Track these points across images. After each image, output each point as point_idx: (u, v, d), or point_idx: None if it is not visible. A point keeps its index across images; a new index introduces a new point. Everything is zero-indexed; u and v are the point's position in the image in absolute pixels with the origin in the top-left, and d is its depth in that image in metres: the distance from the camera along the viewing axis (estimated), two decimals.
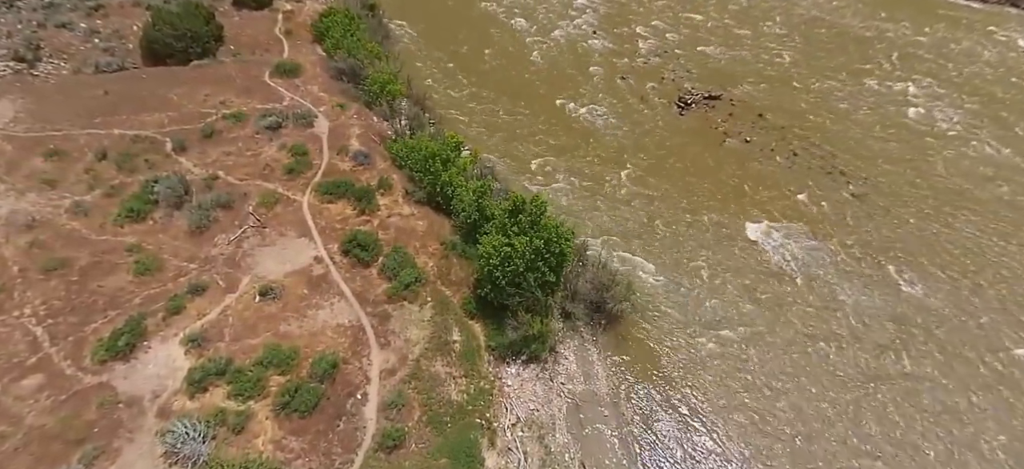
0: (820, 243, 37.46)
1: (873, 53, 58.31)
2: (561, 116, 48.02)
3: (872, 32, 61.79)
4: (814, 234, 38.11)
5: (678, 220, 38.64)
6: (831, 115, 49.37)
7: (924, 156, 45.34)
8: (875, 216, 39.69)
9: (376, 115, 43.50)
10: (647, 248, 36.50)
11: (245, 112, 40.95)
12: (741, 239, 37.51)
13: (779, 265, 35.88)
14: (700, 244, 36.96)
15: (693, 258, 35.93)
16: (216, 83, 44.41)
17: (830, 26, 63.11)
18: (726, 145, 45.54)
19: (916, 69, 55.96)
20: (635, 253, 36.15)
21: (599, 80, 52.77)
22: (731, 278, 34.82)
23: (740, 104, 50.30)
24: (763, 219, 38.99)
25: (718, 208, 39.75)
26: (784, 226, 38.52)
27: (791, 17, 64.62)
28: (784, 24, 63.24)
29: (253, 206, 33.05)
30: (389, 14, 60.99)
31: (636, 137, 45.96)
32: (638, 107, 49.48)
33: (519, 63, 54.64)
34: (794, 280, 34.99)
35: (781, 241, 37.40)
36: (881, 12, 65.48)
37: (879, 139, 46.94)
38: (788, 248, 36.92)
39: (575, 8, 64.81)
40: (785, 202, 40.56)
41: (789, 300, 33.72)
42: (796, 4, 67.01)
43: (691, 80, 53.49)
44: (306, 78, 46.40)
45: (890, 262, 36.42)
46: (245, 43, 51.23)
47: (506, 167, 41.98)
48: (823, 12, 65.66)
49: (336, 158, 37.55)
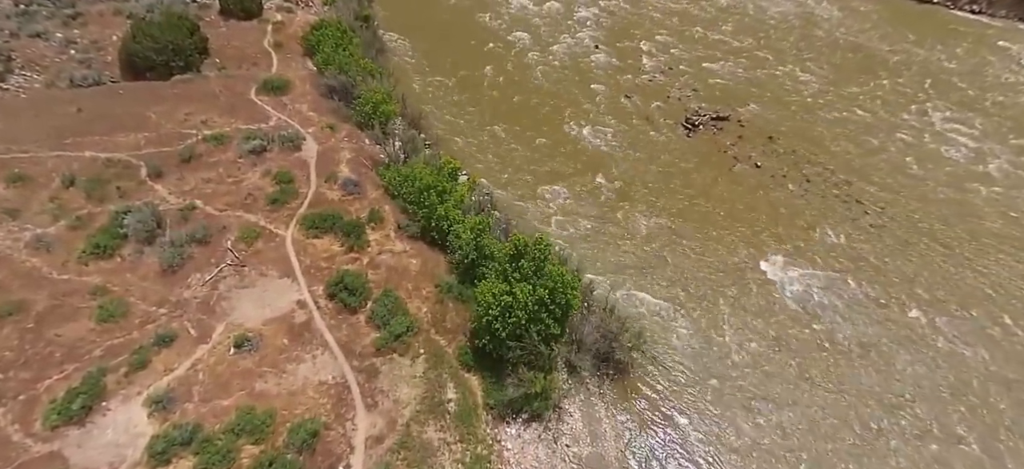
0: (839, 280, 34.84)
1: (884, 72, 55.91)
2: (564, 138, 45.30)
3: (882, 49, 59.45)
4: (832, 272, 35.48)
5: (689, 254, 35.95)
6: (843, 138, 46.79)
7: (941, 183, 42.90)
8: (896, 252, 37.11)
9: (368, 137, 40.63)
10: (657, 286, 33.77)
11: (228, 133, 38.01)
12: (756, 276, 34.86)
13: (797, 308, 33.13)
14: (714, 282, 34.25)
15: (706, 298, 33.21)
16: (198, 100, 41.45)
17: (832, 40, 60.79)
18: (736, 170, 42.93)
19: (930, 87, 53.62)
20: (644, 291, 33.46)
21: (603, 99, 50.11)
22: (747, 320, 32.12)
23: (749, 125, 47.73)
24: (778, 254, 36.36)
25: (731, 241, 37.11)
26: (800, 262, 35.91)
27: (789, 32, 62.23)
28: (783, 39, 60.82)
29: (232, 241, 30.17)
30: (384, 26, 58.21)
31: (643, 161, 43.28)
32: (644, 128, 46.83)
33: (520, 80, 51.91)
34: (812, 325, 32.34)
35: (798, 279, 34.76)
36: (889, 28, 63.20)
37: (891, 163, 44.44)
38: (806, 288, 34.27)
39: (576, 21, 62.15)
40: (800, 235, 37.93)
41: (811, 351, 30.93)
42: (792, 19, 64.69)
43: (698, 99, 50.91)
44: (295, 95, 43.49)
45: (914, 303, 33.93)
46: (231, 56, 48.26)
47: (506, 195, 39.27)
48: (826, 27, 63.36)
49: (324, 186, 34.68)
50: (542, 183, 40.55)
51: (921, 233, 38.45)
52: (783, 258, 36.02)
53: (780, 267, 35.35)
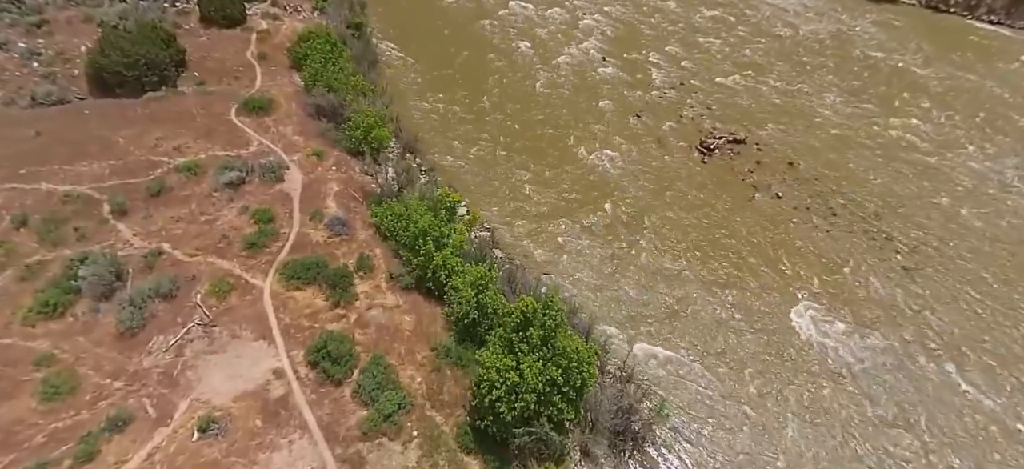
0: (873, 333, 31.54)
1: (908, 91, 52.44)
2: (570, 162, 41.70)
3: (903, 65, 55.92)
4: (865, 321, 32.18)
5: (710, 299, 32.52)
6: (869, 165, 43.30)
7: (977, 217, 39.70)
8: (931, 298, 33.76)
9: (359, 164, 36.97)
10: (677, 338, 30.35)
11: (203, 162, 34.19)
12: (783, 327, 31.58)
13: (831, 366, 29.80)
14: (739, 334, 30.79)
15: (732, 354, 29.74)
16: (172, 122, 37.56)
17: (847, 55, 57.32)
18: (756, 202, 39.52)
19: (958, 110, 50.30)
20: (662, 345, 30.11)
21: (611, 117, 46.50)
22: (778, 381, 28.78)
23: (767, 150, 44.29)
24: (806, 299, 33.07)
25: (755, 284, 33.69)
26: (830, 310, 32.66)
27: (811, 45, 58.73)
28: (807, 52, 57.30)
29: (201, 296, 26.56)
30: (378, 34, 54.31)
31: (656, 190, 39.72)
32: (656, 152, 43.31)
33: (522, 96, 48.17)
34: (848, 388, 28.99)
35: (828, 330, 31.50)
36: (910, 42, 59.78)
37: (923, 196, 41.16)
38: (838, 342, 30.98)
39: (581, 29, 58.36)
40: (828, 277, 34.58)
41: (850, 420, 27.52)
42: (816, 29, 61.16)
43: (712, 118, 47.40)
44: (279, 116, 39.65)
45: (951, 360, 30.77)
46: (211, 69, 44.26)
47: (509, 231, 35.75)
48: (850, 41, 59.79)
49: (308, 225, 31.04)
50: (548, 216, 36.98)
51: (961, 279, 35.17)
52: (812, 305, 32.72)
53: (809, 317, 32.00)
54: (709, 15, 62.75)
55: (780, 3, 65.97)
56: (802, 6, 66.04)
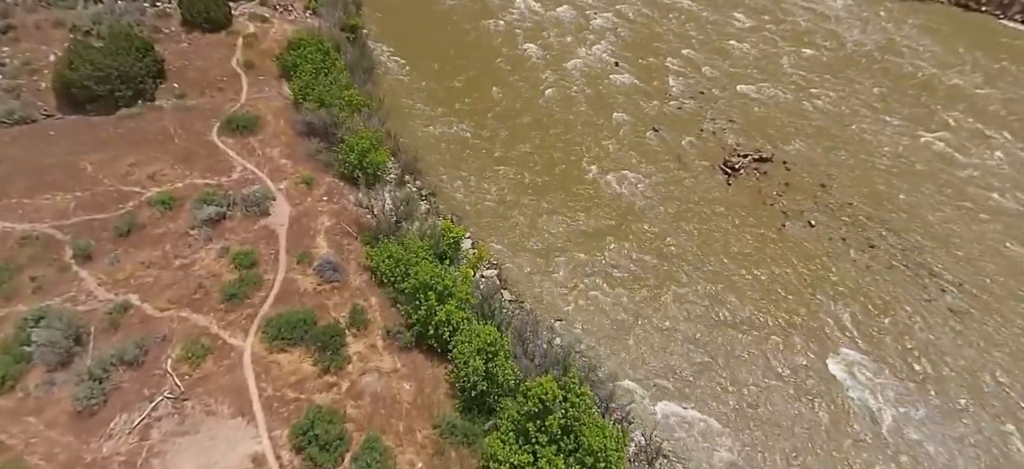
0: (920, 390, 28.16)
1: (944, 105, 48.45)
2: (583, 184, 38.02)
3: (940, 76, 51.63)
4: (913, 376, 28.80)
5: (740, 348, 29.10)
6: (908, 188, 39.51)
7: None
8: (986, 346, 30.49)
9: (353, 191, 33.40)
10: (705, 397, 27.03)
11: (179, 193, 30.57)
12: (823, 382, 28.32)
13: (879, 431, 26.39)
14: (775, 391, 27.43)
15: (769, 419, 26.35)
16: (147, 144, 33.86)
17: (876, 60, 53.34)
18: (787, 231, 36.00)
19: (999, 124, 46.53)
20: (689, 405, 26.85)
21: (627, 132, 42.75)
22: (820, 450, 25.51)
23: (796, 169, 40.64)
24: (846, 347, 29.80)
25: (790, 329, 30.17)
26: (872, 361, 29.36)
27: (841, 51, 54.70)
28: (835, 58, 53.30)
29: (172, 361, 23.26)
30: (375, 35, 50.21)
31: (677, 217, 36.09)
32: (675, 172, 39.67)
33: (530, 106, 44.29)
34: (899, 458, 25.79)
35: (874, 388, 28.26)
36: (941, 47, 55.68)
37: (966, 222, 37.61)
38: (884, 401, 27.67)
39: (592, 30, 54.26)
40: (869, 321, 31.06)
41: None
42: (846, 34, 57.03)
43: (734, 132, 43.66)
44: (265, 136, 35.91)
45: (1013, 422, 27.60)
46: (193, 79, 40.35)
47: (516, 265, 32.31)
48: (883, 47, 55.67)
49: (296, 269, 27.59)
50: (560, 248, 33.45)
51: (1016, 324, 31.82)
52: (853, 356, 29.37)
53: (851, 371, 28.79)
54: (728, 16, 58.59)
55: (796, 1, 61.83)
56: (823, 5, 61.90)
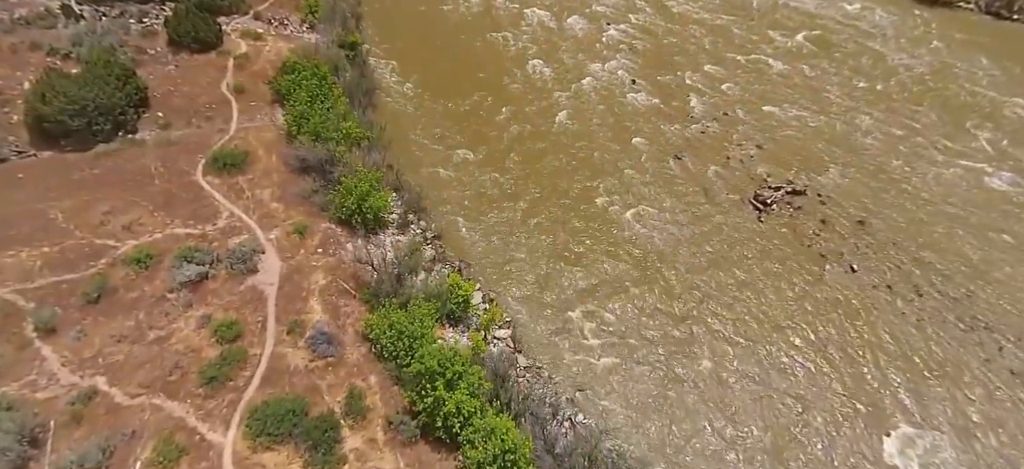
0: None
1: (995, 131, 44.24)
2: (603, 223, 34.27)
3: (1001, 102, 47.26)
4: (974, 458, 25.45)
5: (787, 422, 25.61)
6: (957, 228, 35.45)
7: None
8: None
9: (352, 239, 29.91)
10: None
11: (158, 247, 27.05)
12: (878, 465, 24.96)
13: None
14: None
15: None
16: (125, 186, 30.30)
17: (913, 76, 49.17)
18: (827, 277, 32.34)
19: None
20: None
21: (647, 160, 38.95)
22: None
23: (832, 204, 36.81)
24: (904, 424, 26.26)
25: (840, 399, 26.68)
26: (932, 439, 25.85)
27: (877, 71, 50.52)
28: (875, 77, 49.10)
29: (141, 465, 19.90)
30: (377, 51, 46.30)
31: (707, 262, 32.19)
32: (702, 206, 35.91)
33: (542, 131, 40.37)
34: None
35: None
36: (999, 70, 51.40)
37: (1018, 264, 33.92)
38: None
39: (605, 44, 50.22)
40: (925, 388, 27.31)
41: None
42: (883, 50, 52.77)
43: (764, 159, 39.79)
44: (256, 174, 32.31)
45: None
46: (178, 107, 36.71)
47: (532, 322, 28.78)
48: (922, 63, 51.42)
49: (286, 342, 24.11)
50: (578, 298, 29.79)
51: None
52: (912, 434, 25.92)
53: (909, 454, 25.33)
54: (745, 25, 54.44)
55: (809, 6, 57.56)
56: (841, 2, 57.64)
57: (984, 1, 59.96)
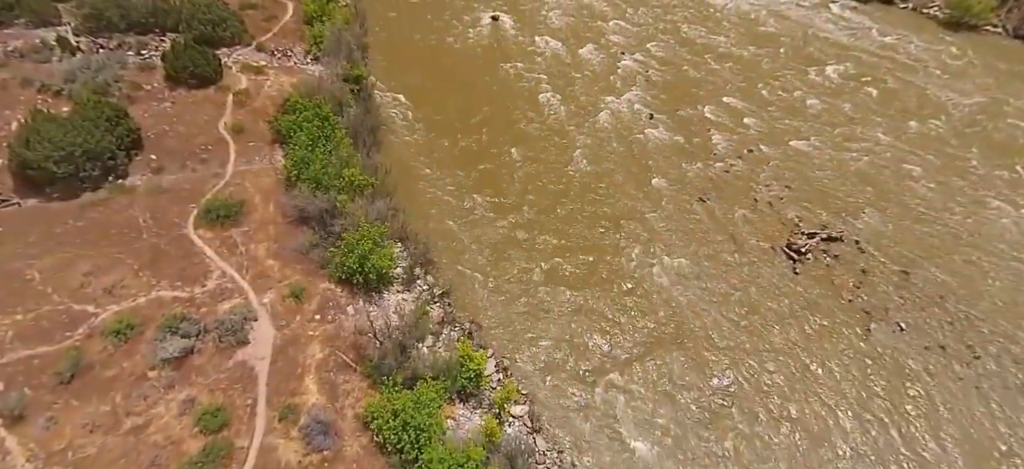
0: None
1: None
2: (624, 276, 31.09)
3: None
4: None
5: None
6: (1012, 278, 32.23)
7: None
8: None
9: (353, 300, 27.13)
10: None
11: (141, 314, 24.33)
12: None
13: None
14: None
15: None
16: (110, 241, 27.69)
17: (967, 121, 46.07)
18: (873, 338, 29.17)
19: None
20: None
21: (669, 203, 36.02)
22: None
23: (871, 251, 33.54)
24: None
25: None
26: None
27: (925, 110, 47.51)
28: (914, 113, 46.16)
29: None
30: (383, 83, 43.71)
31: (741, 324, 28.98)
32: (732, 258, 32.82)
33: (557, 171, 37.33)
34: None
35: None
36: None
37: None
38: None
39: (620, 75, 47.44)
40: None
41: None
42: (924, 84, 49.72)
43: (794, 201, 36.75)
44: (251, 227, 29.65)
45: None
46: (172, 148, 34.20)
47: (550, 396, 25.78)
48: (969, 98, 48.37)
49: (277, 430, 21.25)
50: (601, 367, 26.46)
51: None
52: None
53: None
54: (773, 57, 51.62)
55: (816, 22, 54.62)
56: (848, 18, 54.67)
57: (1012, 26, 57.23)
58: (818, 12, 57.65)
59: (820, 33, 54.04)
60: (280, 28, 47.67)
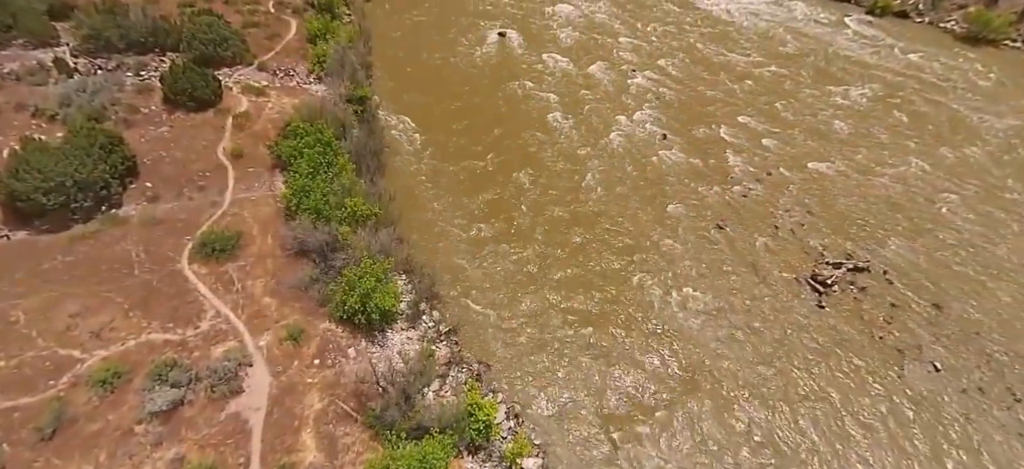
0: None
1: None
2: (641, 309, 29.18)
3: None
4: None
5: None
6: None
7: None
8: None
9: (354, 341, 25.50)
10: None
11: (129, 359, 22.73)
12: None
13: None
14: None
15: None
16: (100, 279, 26.14)
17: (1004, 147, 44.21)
18: (907, 377, 27.28)
19: None
20: None
21: (686, 230, 34.26)
22: None
23: (900, 283, 31.65)
24: None
25: None
26: None
27: (959, 135, 45.71)
28: (947, 136, 44.34)
29: None
30: (387, 103, 42.32)
31: (766, 364, 27.00)
32: (754, 290, 30.99)
33: (568, 197, 35.66)
34: None
35: None
36: None
37: None
38: None
39: (632, 93, 45.88)
40: None
41: None
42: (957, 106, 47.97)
43: (816, 229, 34.96)
44: (249, 262, 28.07)
45: None
46: (169, 175, 32.73)
47: (566, 448, 23.82)
48: (1003, 121, 46.57)
49: None
50: (620, 415, 24.78)
51: None
52: None
53: None
54: (793, 76, 49.98)
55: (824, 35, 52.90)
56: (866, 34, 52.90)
57: None
58: (838, 30, 56.01)
59: (842, 51, 52.42)
60: (283, 47, 46.43)
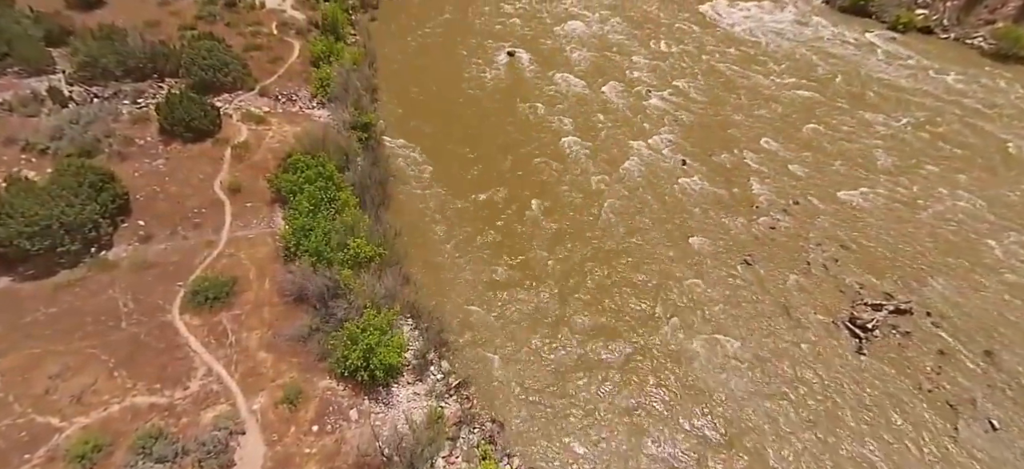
0: None
1: None
2: (667, 359, 26.54)
3: None
4: None
5: None
6: None
7: None
8: None
9: (356, 397, 23.30)
10: None
11: (111, 430, 20.52)
12: None
13: None
14: None
15: None
16: (83, 333, 24.06)
17: None
18: (962, 438, 24.72)
19: None
20: None
21: (711, 267, 31.81)
22: None
23: (947, 326, 29.00)
24: None
25: None
26: None
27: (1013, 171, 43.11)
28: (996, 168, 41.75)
29: None
30: (392, 128, 40.23)
31: (803, 422, 24.43)
32: (787, 335, 28.47)
33: (585, 232, 33.21)
34: None
35: None
36: None
37: None
38: None
39: (648, 115, 43.57)
40: None
41: None
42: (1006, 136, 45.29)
43: (852, 263, 32.34)
44: (244, 309, 25.90)
45: None
46: (163, 212, 30.76)
47: None
48: None
49: None
50: None
51: None
52: None
53: None
54: (808, 95, 47.54)
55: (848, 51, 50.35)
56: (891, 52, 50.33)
57: None
58: (867, 51, 53.15)
59: (874, 73, 49.70)
60: (285, 70, 44.53)
